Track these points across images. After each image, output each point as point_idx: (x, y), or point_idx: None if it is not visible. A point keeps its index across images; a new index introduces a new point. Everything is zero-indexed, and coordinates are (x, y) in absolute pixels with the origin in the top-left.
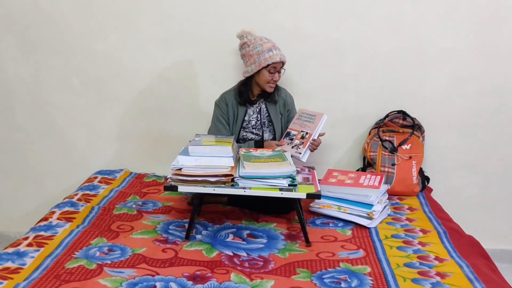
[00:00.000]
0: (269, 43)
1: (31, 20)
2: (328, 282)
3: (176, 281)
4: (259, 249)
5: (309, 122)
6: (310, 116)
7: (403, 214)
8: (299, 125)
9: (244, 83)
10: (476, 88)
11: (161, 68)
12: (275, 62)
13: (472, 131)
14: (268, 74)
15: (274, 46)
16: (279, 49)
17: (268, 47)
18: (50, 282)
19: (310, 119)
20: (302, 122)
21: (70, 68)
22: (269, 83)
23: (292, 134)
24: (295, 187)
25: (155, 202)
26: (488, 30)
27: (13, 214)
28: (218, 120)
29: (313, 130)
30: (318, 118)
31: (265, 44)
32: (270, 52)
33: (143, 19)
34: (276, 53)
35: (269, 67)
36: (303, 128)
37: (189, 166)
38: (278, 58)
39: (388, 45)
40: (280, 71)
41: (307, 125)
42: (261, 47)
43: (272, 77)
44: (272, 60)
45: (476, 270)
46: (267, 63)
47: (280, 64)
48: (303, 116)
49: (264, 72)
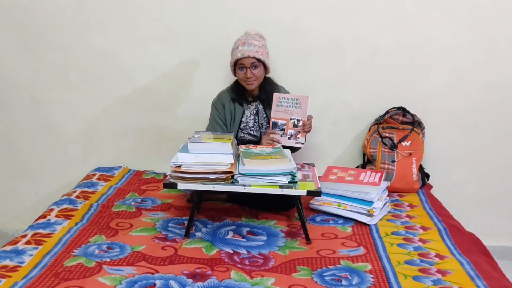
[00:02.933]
0: (242, 39)
1: (29, 16)
2: (329, 280)
3: (175, 279)
4: (259, 246)
5: (295, 108)
6: (293, 101)
7: (403, 211)
8: (284, 113)
9: (236, 82)
10: (476, 84)
11: (161, 64)
12: (238, 59)
13: (472, 128)
14: (239, 71)
15: (244, 42)
16: (252, 44)
17: (237, 45)
18: (49, 280)
19: (294, 104)
20: (286, 109)
21: (68, 64)
22: (244, 81)
23: (280, 124)
24: (295, 184)
25: (154, 200)
26: (489, 26)
27: (10, 212)
28: (215, 121)
29: (304, 115)
30: (304, 101)
31: (238, 42)
32: (237, 49)
33: (142, 15)
34: (240, 49)
35: (238, 64)
36: (290, 115)
37: (188, 163)
38: (239, 54)
39: (389, 41)
40: (253, 67)
41: (294, 111)
42: (234, 44)
43: (244, 74)
44: (235, 57)
45: (477, 267)
46: (233, 61)
47: (249, 60)
48: (283, 102)
49: (237, 70)
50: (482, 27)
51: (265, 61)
